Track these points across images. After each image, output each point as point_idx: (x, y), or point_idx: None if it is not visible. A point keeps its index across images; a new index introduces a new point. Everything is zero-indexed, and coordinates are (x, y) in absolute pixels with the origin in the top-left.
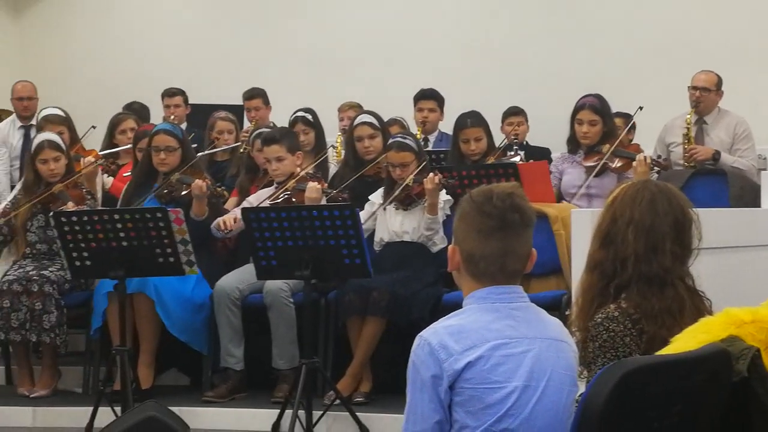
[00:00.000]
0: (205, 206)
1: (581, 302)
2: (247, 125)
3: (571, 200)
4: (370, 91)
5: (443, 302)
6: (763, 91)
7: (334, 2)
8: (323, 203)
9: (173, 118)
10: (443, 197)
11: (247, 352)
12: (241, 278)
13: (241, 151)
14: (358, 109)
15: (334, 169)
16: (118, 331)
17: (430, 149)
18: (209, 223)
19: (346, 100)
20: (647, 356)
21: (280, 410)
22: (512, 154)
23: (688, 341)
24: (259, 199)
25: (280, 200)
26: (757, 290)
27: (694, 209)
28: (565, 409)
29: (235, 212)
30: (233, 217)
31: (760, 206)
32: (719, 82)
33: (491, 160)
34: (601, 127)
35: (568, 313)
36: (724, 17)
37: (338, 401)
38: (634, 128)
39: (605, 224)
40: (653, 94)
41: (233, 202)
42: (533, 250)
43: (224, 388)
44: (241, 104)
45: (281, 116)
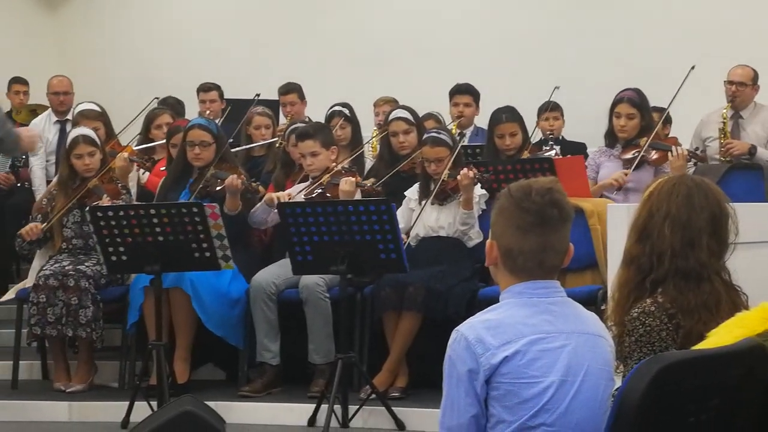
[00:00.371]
0: (238, 201)
1: (617, 297)
2: (282, 120)
3: (609, 194)
4: (405, 85)
5: (479, 297)
6: None
7: None
8: (358, 197)
9: (208, 113)
10: (478, 192)
11: (283, 346)
12: (277, 273)
13: (276, 146)
14: (393, 104)
15: (369, 164)
16: (154, 325)
17: (465, 144)
18: (244, 217)
19: (381, 94)
20: (683, 351)
21: (316, 405)
22: (547, 148)
23: (724, 336)
24: (294, 193)
25: (314, 195)
26: None
27: (730, 204)
28: (601, 403)
29: (289, 190)
30: (287, 194)
31: None
32: (755, 76)
33: (526, 154)
34: (638, 120)
35: (603, 307)
36: (761, 11)
37: (374, 396)
38: (670, 122)
39: (642, 219)
40: (689, 88)
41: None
42: (570, 245)
43: (260, 382)
44: (276, 99)
45: (317, 111)
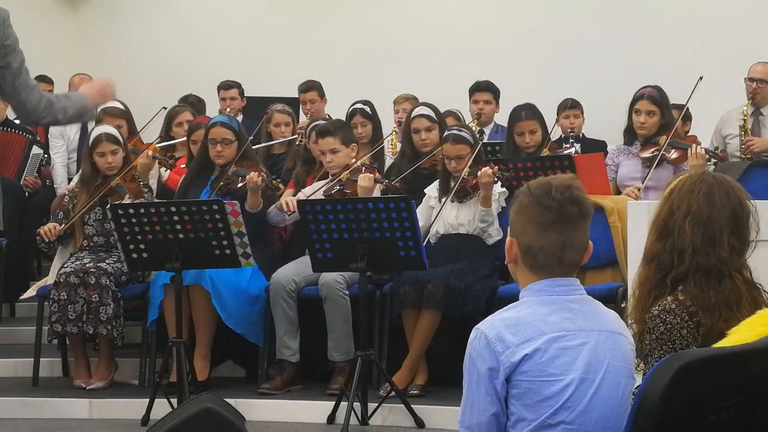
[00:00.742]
0: (259, 198)
1: (638, 294)
2: (303, 118)
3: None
4: (425, 83)
5: (499, 294)
6: None
7: None
8: (377, 194)
9: (229, 110)
10: (498, 189)
11: (302, 344)
12: (296, 270)
13: (297, 143)
14: (413, 101)
15: (389, 161)
16: (174, 323)
17: (485, 141)
18: (265, 215)
19: (401, 92)
20: (704, 349)
21: (335, 402)
22: (567, 146)
23: (745, 333)
24: (313, 190)
25: (333, 192)
26: None
27: (751, 201)
28: (621, 401)
29: (300, 194)
30: (294, 199)
31: None
32: None
33: (546, 152)
34: (658, 118)
35: (624, 305)
36: None
37: (393, 393)
38: (690, 119)
39: (662, 216)
40: (710, 85)
41: (289, 194)
42: (590, 242)
43: (280, 380)
44: (296, 97)
45: (337, 109)
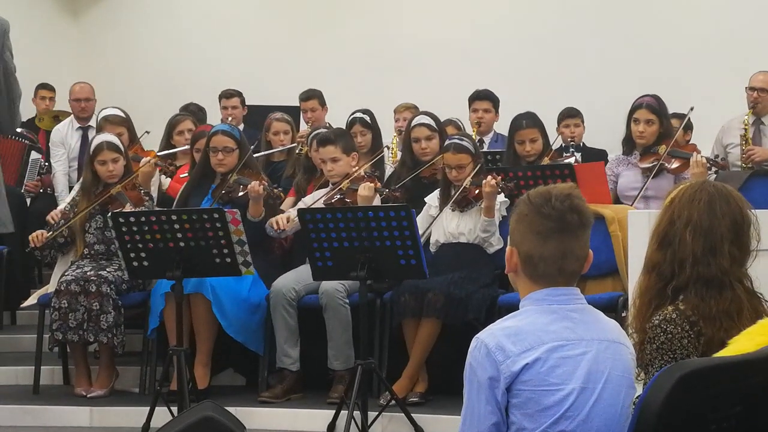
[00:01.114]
0: (261, 207)
1: (638, 304)
2: (303, 126)
3: (628, 202)
4: (425, 91)
5: (499, 303)
6: None
7: (390, 4)
8: (377, 203)
9: (231, 119)
10: (500, 199)
11: (302, 352)
12: (297, 279)
13: (297, 151)
14: (414, 110)
15: (390, 170)
16: (174, 331)
17: (485, 150)
18: (266, 223)
19: (401, 101)
20: (705, 358)
21: (335, 411)
22: (568, 155)
23: (745, 343)
24: (314, 199)
25: (334, 200)
26: None
27: (752, 210)
28: (622, 411)
29: (288, 212)
30: (286, 216)
31: None
32: None
33: (547, 161)
34: (657, 127)
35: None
36: None
37: (394, 402)
38: (691, 129)
39: (663, 225)
40: (710, 94)
41: (290, 202)
42: (590, 251)
43: (280, 388)
44: (297, 105)
45: (338, 117)
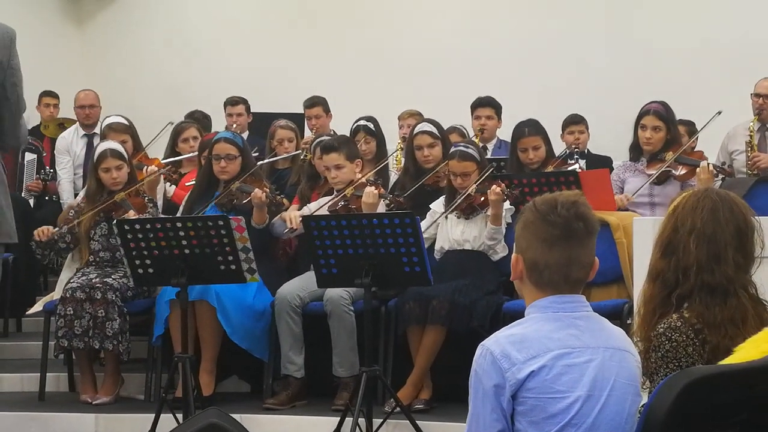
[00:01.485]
0: (265, 214)
1: (643, 312)
2: (308, 134)
3: (634, 209)
4: (430, 99)
5: (503, 310)
6: None
7: (393, 12)
8: (381, 209)
9: (235, 126)
10: (505, 206)
11: (307, 359)
12: (301, 286)
13: (301, 159)
14: (418, 117)
15: (394, 177)
16: (180, 338)
17: (488, 157)
18: (270, 231)
19: (406, 108)
20: (710, 366)
21: (340, 418)
22: (572, 162)
23: (751, 351)
24: (318, 206)
25: (338, 208)
26: None
27: (756, 217)
28: (627, 418)
29: (303, 210)
30: (298, 215)
31: None
32: None
33: (550, 168)
34: (664, 133)
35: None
36: None
37: (398, 409)
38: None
39: (667, 233)
40: (716, 101)
41: (293, 210)
42: (596, 259)
43: (285, 395)
44: (302, 113)
45: (342, 124)
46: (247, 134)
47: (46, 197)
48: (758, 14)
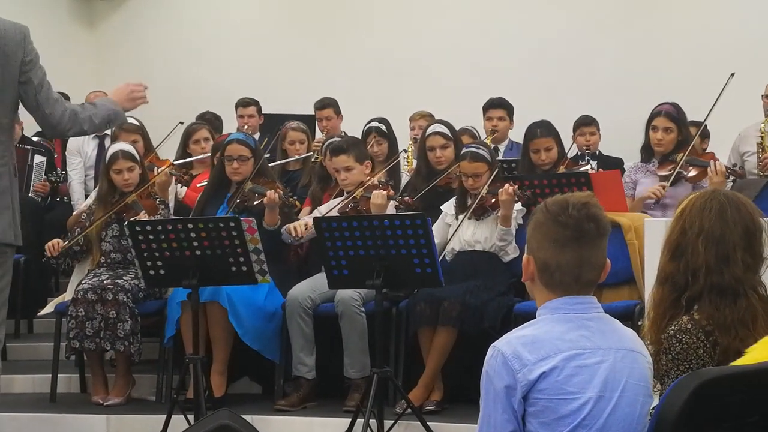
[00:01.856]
0: (277, 216)
1: (653, 315)
2: (318, 135)
3: (646, 209)
4: (441, 100)
5: (515, 312)
6: None
7: (404, 13)
8: (390, 211)
9: (247, 128)
10: (516, 207)
11: (318, 361)
12: (313, 287)
13: (312, 160)
14: (429, 118)
15: (405, 178)
16: (191, 339)
17: (500, 158)
18: (282, 231)
19: (416, 109)
20: (721, 367)
21: (351, 419)
22: (584, 163)
23: (762, 352)
24: (329, 207)
25: (348, 209)
26: None
27: (764, 217)
28: (638, 420)
29: (306, 219)
30: (304, 223)
31: None
32: None
33: (562, 169)
34: (675, 135)
35: (641, 323)
36: None
37: (410, 410)
38: (708, 137)
39: (675, 236)
40: (727, 102)
41: (306, 211)
42: (607, 260)
43: (296, 396)
44: (312, 114)
45: (353, 125)
46: (258, 135)
47: (57, 198)
48: None
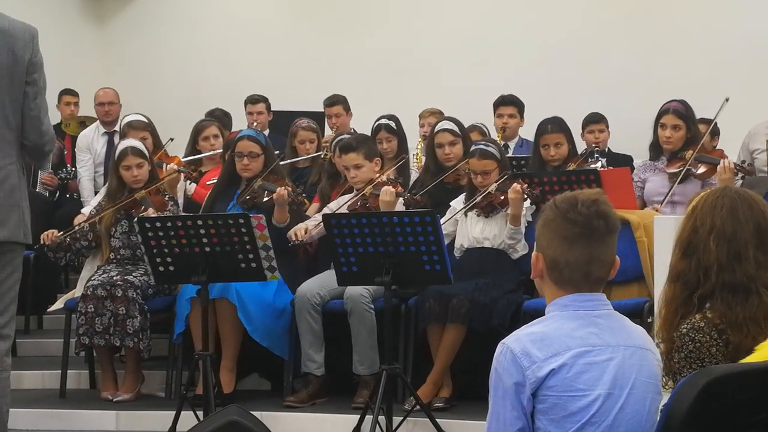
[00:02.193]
0: (286, 213)
1: (665, 313)
2: (328, 132)
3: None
4: (450, 97)
5: (523, 309)
6: None
7: (414, 10)
8: (399, 208)
9: (256, 125)
10: (525, 204)
11: (327, 357)
12: (322, 284)
13: (322, 157)
14: (438, 115)
15: (415, 175)
16: (200, 336)
17: (510, 155)
18: (291, 229)
19: (426, 106)
20: (730, 365)
21: (360, 416)
22: (593, 161)
23: None
24: (338, 204)
25: (358, 206)
26: None
27: None
28: (648, 417)
29: (306, 223)
30: (304, 228)
31: None
32: None
33: (572, 166)
34: (684, 132)
35: (650, 320)
36: None
37: (418, 407)
38: (717, 134)
39: (686, 234)
40: (736, 99)
41: (315, 208)
42: (617, 257)
43: (305, 393)
44: (322, 111)
45: (362, 122)
46: (267, 132)
47: (66, 195)
48: None
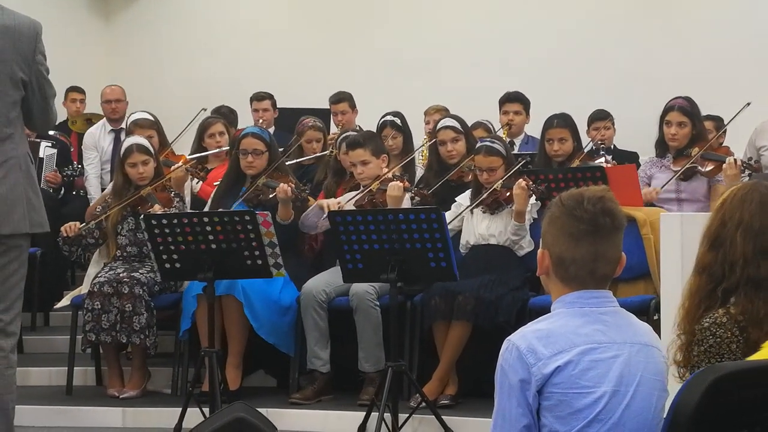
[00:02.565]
0: (290, 210)
1: (687, 305)
2: (333, 129)
3: (661, 205)
4: (456, 94)
5: (529, 306)
6: None
7: (419, 6)
8: (407, 204)
9: (261, 122)
10: (530, 201)
11: (333, 354)
12: (327, 281)
13: (327, 154)
14: (444, 112)
15: (421, 172)
16: (206, 332)
17: (515, 152)
18: (295, 225)
19: (432, 103)
20: (738, 362)
21: (366, 413)
22: (598, 157)
23: None
24: (344, 201)
25: (364, 203)
26: None
27: None
28: (654, 414)
29: (339, 199)
30: (336, 201)
31: None
32: None
33: (576, 163)
34: (689, 129)
35: (657, 317)
36: None
37: (424, 404)
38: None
39: (714, 227)
40: (743, 96)
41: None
42: (623, 254)
43: (311, 390)
44: (328, 108)
45: (368, 119)
46: (273, 129)
47: (73, 192)
48: None
